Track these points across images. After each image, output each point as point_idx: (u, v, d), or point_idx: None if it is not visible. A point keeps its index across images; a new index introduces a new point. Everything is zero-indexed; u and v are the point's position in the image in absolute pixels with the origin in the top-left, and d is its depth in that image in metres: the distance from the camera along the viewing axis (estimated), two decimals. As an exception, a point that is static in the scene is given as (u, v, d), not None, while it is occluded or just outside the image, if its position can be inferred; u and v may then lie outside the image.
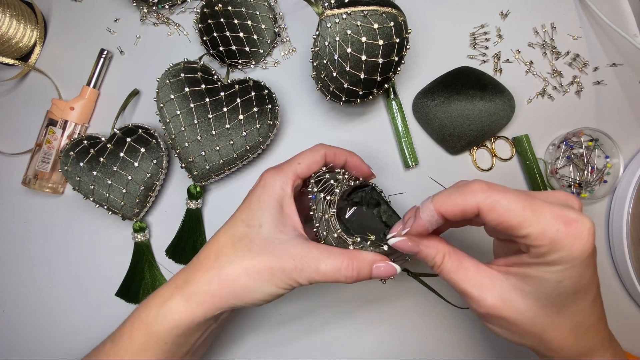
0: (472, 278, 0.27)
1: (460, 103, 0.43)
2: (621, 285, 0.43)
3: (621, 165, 0.43)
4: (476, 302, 0.26)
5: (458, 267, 0.27)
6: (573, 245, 0.23)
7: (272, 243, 0.30)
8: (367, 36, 0.35)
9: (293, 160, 0.33)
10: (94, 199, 0.42)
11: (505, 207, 0.24)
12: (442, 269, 0.28)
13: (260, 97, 0.42)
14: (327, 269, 0.29)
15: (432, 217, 0.26)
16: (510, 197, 0.24)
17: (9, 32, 0.46)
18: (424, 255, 0.29)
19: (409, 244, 0.29)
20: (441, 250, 0.28)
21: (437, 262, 0.28)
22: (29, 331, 0.45)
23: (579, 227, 0.23)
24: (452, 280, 0.28)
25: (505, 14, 0.47)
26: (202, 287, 0.30)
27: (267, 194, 0.32)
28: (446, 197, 0.26)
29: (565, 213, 0.23)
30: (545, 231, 0.23)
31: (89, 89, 0.47)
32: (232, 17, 0.45)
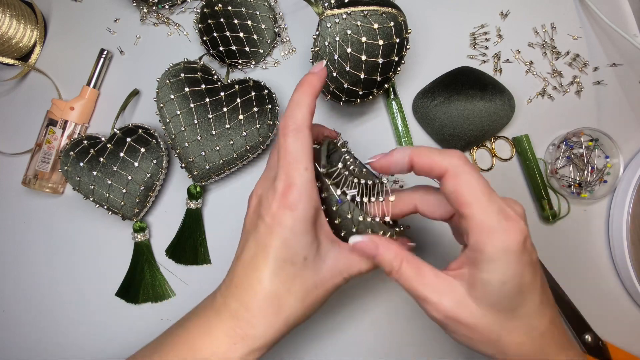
0: (430, 283, 0.27)
1: (460, 103, 0.43)
2: (621, 285, 0.43)
3: (621, 165, 0.43)
4: (434, 307, 0.26)
5: (416, 272, 0.27)
6: (505, 239, 0.24)
7: (321, 270, 0.30)
8: (367, 36, 0.35)
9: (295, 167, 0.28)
10: (94, 199, 0.42)
11: (468, 181, 0.25)
12: (400, 275, 0.28)
13: (260, 97, 0.42)
14: (367, 267, 0.31)
15: (403, 159, 0.28)
16: (477, 177, 0.25)
17: (9, 32, 0.46)
18: (381, 259, 0.28)
19: (369, 244, 0.29)
20: (399, 255, 0.28)
21: (395, 267, 0.28)
22: (29, 331, 0.45)
23: (514, 225, 0.24)
24: (409, 286, 0.27)
25: (505, 14, 0.47)
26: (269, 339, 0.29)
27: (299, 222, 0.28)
28: (425, 150, 0.27)
29: (509, 212, 0.25)
30: (486, 217, 0.24)
31: (89, 89, 0.47)
32: (232, 17, 0.45)
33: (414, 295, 0.27)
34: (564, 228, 0.44)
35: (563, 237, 0.44)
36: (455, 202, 0.25)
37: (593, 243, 0.44)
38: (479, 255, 0.25)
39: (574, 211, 0.44)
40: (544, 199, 0.43)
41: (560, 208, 0.44)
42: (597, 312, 0.42)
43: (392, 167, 0.28)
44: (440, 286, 0.27)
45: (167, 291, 0.44)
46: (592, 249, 0.44)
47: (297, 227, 0.28)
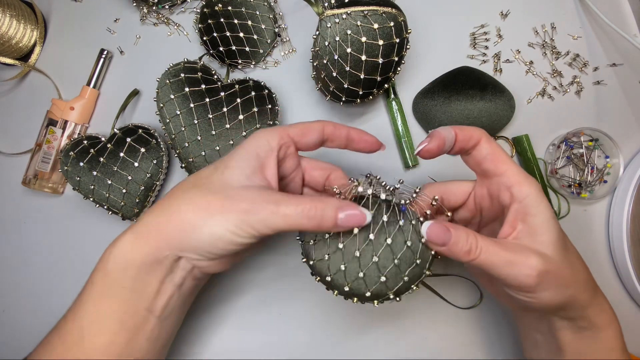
0: (508, 247, 0.27)
1: (460, 103, 0.43)
2: (621, 285, 0.43)
3: (621, 165, 0.43)
4: (525, 265, 0.26)
5: (492, 241, 0.27)
6: (536, 183, 0.29)
7: (231, 185, 0.28)
8: (367, 36, 0.35)
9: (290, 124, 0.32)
10: (94, 199, 0.42)
11: (498, 145, 0.30)
12: (481, 248, 0.26)
13: (260, 97, 0.42)
14: (287, 209, 0.26)
15: (449, 133, 0.29)
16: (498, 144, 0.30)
17: (9, 32, 0.46)
18: (456, 239, 0.26)
19: (441, 227, 0.27)
20: (470, 231, 0.27)
21: (472, 241, 0.26)
22: (29, 331, 0.45)
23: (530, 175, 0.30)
24: (494, 255, 0.26)
25: (505, 14, 0.47)
26: (150, 225, 0.29)
27: (248, 142, 0.30)
28: (459, 126, 0.30)
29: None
30: (518, 171, 0.29)
31: (89, 89, 0.47)
32: (232, 17, 0.45)
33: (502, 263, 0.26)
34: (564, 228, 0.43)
35: (563, 237, 0.44)
36: (492, 160, 0.29)
37: (593, 243, 0.44)
38: (527, 200, 0.28)
39: (574, 211, 0.44)
40: (544, 199, 0.43)
41: (560, 208, 0.44)
42: (597, 312, 0.42)
43: (447, 144, 0.30)
44: (517, 247, 0.27)
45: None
46: (592, 249, 0.44)
47: (243, 146, 0.30)
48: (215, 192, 0.28)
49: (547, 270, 0.26)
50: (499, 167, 0.29)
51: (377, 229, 0.28)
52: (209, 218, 0.27)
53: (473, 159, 0.31)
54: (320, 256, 0.29)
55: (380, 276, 0.28)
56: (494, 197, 0.31)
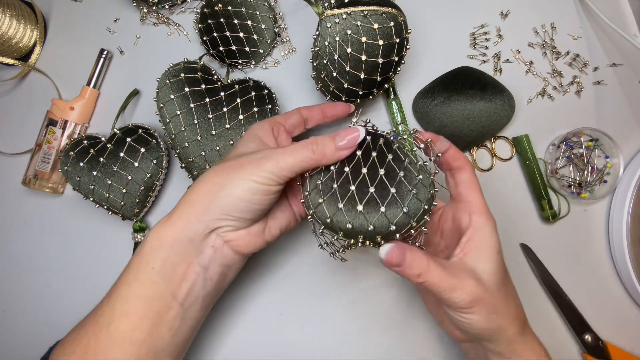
0: (454, 272, 0.29)
1: (460, 103, 0.43)
2: (621, 285, 0.43)
3: (621, 165, 0.43)
4: (463, 291, 0.29)
5: (442, 267, 0.29)
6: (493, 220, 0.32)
7: (244, 151, 0.33)
8: (367, 36, 0.35)
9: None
10: (94, 199, 0.42)
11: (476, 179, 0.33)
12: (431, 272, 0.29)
13: (260, 97, 0.42)
14: (294, 148, 0.31)
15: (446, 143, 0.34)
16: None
17: (9, 32, 0.46)
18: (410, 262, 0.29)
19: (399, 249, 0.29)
20: (424, 256, 0.29)
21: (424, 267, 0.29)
22: (29, 331, 0.45)
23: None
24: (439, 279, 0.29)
25: (505, 14, 0.47)
26: (182, 202, 0.32)
27: (246, 132, 0.36)
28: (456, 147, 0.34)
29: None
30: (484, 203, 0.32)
31: (89, 89, 0.47)
32: (232, 17, 0.45)
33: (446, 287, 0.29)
34: (564, 228, 0.44)
35: (563, 237, 0.44)
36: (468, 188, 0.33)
37: (593, 243, 0.44)
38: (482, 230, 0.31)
39: (574, 211, 0.44)
40: (544, 199, 0.43)
41: (560, 208, 0.44)
42: (597, 312, 0.42)
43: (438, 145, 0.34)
44: (458, 271, 0.29)
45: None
46: (592, 249, 0.44)
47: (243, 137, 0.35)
48: (232, 159, 0.32)
49: (480, 297, 0.29)
50: (470, 195, 0.32)
51: (369, 163, 0.30)
52: (231, 176, 0.31)
53: (454, 179, 0.34)
54: (317, 201, 0.30)
55: (379, 207, 0.29)
56: (456, 219, 0.33)
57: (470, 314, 0.29)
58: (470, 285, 0.29)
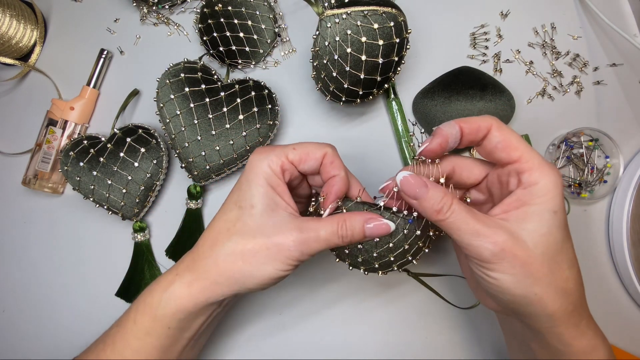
0: (482, 220, 0.26)
1: (460, 103, 0.43)
2: (621, 285, 0.43)
3: (621, 165, 0.43)
4: (489, 240, 0.25)
5: (467, 209, 0.27)
6: (554, 173, 0.27)
7: (266, 224, 0.30)
8: (367, 36, 0.35)
9: (289, 145, 0.32)
10: (94, 199, 0.42)
11: (511, 132, 0.28)
12: (453, 210, 0.26)
13: (260, 97, 0.42)
14: (326, 233, 0.29)
15: (454, 129, 0.28)
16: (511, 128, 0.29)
17: (9, 32, 0.46)
18: (430, 195, 0.27)
19: (419, 180, 0.27)
20: (448, 193, 0.27)
21: (447, 203, 0.26)
22: (29, 331, 0.45)
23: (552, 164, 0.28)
24: (462, 220, 0.26)
25: (505, 14, 0.47)
26: (201, 275, 0.30)
27: (254, 172, 0.31)
28: (465, 118, 0.29)
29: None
30: (534, 156, 0.27)
31: (89, 89, 0.47)
32: (232, 17, 0.45)
33: (468, 231, 0.26)
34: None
35: (563, 237, 0.44)
36: (505, 148, 0.28)
37: (593, 243, 0.44)
38: (533, 188, 0.26)
39: (574, 211, 0.44)
40: (544, 199, 0.43)
41: (560, 208, 0.44)
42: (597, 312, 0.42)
43: (450, 141, 0.29)
44: (492, 223, 0.26)
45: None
46: (592, 249, 0.44)
47: (252, 177, 0.31)
48: (255, 235, 0.30)
49: (513, 253, 0.25)
50: (512, 155, 0.27)
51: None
52: (259, 264, 0.29)
53: (483, 149, 0.29)
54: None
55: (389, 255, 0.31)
56: (503, 183, 0.29)
57: (497, 271, 0.25)
58: (500, 235, 0.25)
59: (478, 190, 0.33)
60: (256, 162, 0.31)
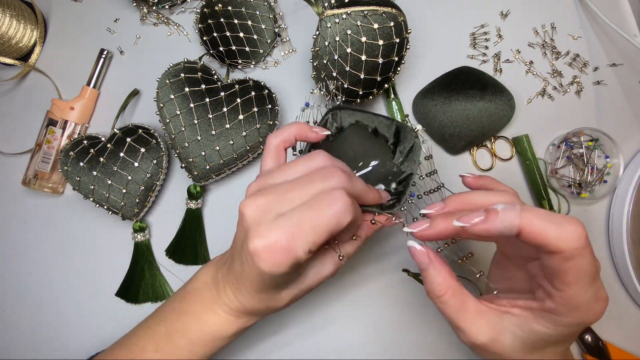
0: (470, 318, 0.27)
1: (460, 103, 0.43)
2: (621, 285, 0.43)
3: (621, 165, 0.43)
4: (468, 338, 0.27)
5: (460, 307, 0.27)
6: (586, 317, 0.25)
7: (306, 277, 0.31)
8: (367, 36, 0.35)
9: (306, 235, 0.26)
10: (94, 199, 0.42)
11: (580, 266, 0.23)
12: (443, 303, 0.28)
13: (260, 97, 0.42)
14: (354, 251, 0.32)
15: (510, 228, 0.23)
16: (591, 262, 0.24)
17: (9, 32, 0.46)
18: (429, 276, 0.28)
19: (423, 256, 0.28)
20: (446, 283, 0.27)
21: (439, 293, 0.27)
22: (29, 331, 0.45)
23: (601, 307, 0.25)
24: (449, 315, 0.28)
25: (505, 14, 0.47)
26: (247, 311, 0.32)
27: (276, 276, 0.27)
28: (539, 218, 0.23)
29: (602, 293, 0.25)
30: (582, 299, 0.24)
31: (89, 89, 0.47)
32: (232, 17, 0.45)
33: (451, 322, 0.28)
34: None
35: (563, 237, 0.44)
36: (556, 277, 0.24)
37: (593, 243, 0.43)
38: (549, 316, 0.25)
39: (574, 211, 0.44)
40: (544, 199, 0.43)
41: (560, 208, 0.44)
42: (597, 312, 0.42)
43: (495, 235, 0.24)
44: (480, 322, 0.27)
45: (167, 291, 0.44)
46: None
47: (277, 277, 0.27)
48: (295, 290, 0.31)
49: (485, 348, 0.27)
50: (557, 284, 0.24)
51: None
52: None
53: (531, 267, 0.27)
54: None
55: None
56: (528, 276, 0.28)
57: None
58: (477, 335, 0.27)
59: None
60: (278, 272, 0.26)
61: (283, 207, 0.26)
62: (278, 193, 0.27)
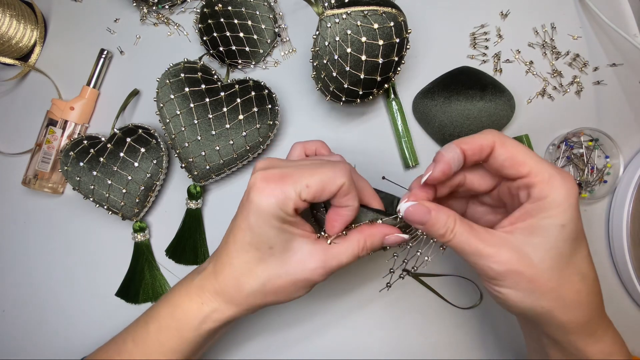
0: (486, 239, 0.27)
1: (460, 103, 0.43)
2: (621, 285, 0.43)
3: (621, 165, 0.43)
4: (494, 260, 0.26)
5: (470, 230, 0.27)
6: (566, 185, 0.26)
7: (289, 261, 0.30)
8: (367, 36, 0.35)
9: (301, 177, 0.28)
10: (94, 199, 0.42)
11: (516, 146, 0.27)
12: (455, 233, 0.27)
13: (260, 97, 0.42)
14: (348, 259, 0.31)
15: (455, 153, 0.28)
16: (519, 143, 0.28)
17: (9, 32, 0.46)
18: (434, 220, 0.27)
19: (421, 208, 0.28)
20: (452, 215, 0.27)
21: (450, 226, 0.27)
22: (29, 331, 0.45)
23: (568, 174, 0.27)
24: (465, 242, 0.27)
25: (505, 14, 0.47)
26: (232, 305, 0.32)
27: (265, 212, 0.28)
28: (465, 138, 0.28)
29: (556, 165, 0.28)
30: (544, 169, 0.26)
31: (89, 89, 0.47)
32: (232, 17, 0.45)
33: (471, 252, 0.27)
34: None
35: (563, 237, 0.44)
36: (512, 166, 0.27)
37: (593, 243, 0.44)
38: (542, 202, 0.26)
39: (574, 211, 0.44)
40: (544, 199, 0.43)
41: (560, 208, 0.44)
42: (597, 312, 0.42)
43: (453, 166, 0.28)
44: (496, 240, 0.27)
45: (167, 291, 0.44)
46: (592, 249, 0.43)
47: (261, 221, 0.29)
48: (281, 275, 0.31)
49: (517, 271, 0.26)
50: (520, 171, 0.27)
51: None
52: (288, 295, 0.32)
53: (490, 166, 0.29)
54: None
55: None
56: (514, 195, 0.29)
57: (503, 287, 0.26)
58: (503, 253, 0.26)
59: (491, 197, 0.33)
60: (266, 204, 0.28)
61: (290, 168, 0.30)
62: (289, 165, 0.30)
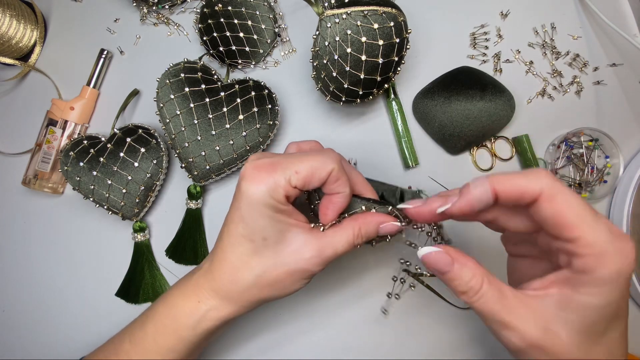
0: (513, 307, 0.23)
1: (460, 103, 0.43)
2: (621, 285, 0.43)
3: (621, 165, 0.43)
4: (518, 335, 0.23)
5: (500, 297, 0.24)
6: (621, 261, 0.22)
7: (284, 251, 0.30)
8: (367, 36, 0.35)
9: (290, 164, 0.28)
10: (94, 199, 0.42)
11: (568, 202, 0.22)
12: (480, 296, 0.24)
13: (260, 97, 0.42)
14: (343, 247, 0.30)
15: (485, 194, 0.24)
16: (576, 196, 0.23)
17: (9, 32, 0.46)
18: (455, 275, 0.24)
19: (443, 258, 0.25)
20: (478, 274, 0.24)
21: (475, 287, 0.24)
22: (29, 331, 0.45)
23: (626, 245, 0.22)
24: (490, 310, 0.24)
25: (505, 14, 0.47)
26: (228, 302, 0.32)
27: (256, 202, 0.28)
28: (506, 177, 0.23)
29: (616, 229, 0.22)
30: (597, 238, 0.22)
31: (89, 89, 0.47)
32: (232, 17, 0.45)
33: (493, 321, 0.24)
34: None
35: (563, 237, 0.44)
36: (557, 226, 0.23)
37: (593, 243, 0.44)
38: (585, 277, 0.22)
39: (574, 211, 0.44)
40: (544, 199, 0.43)
41: (560, 208, 0.44)
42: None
43: (476, 207, 0.24)
44: (524, 311, 0.24)
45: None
46: (592, 249, 0.44)
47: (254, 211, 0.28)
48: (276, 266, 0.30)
49: (541, 347, 0.23)
50: (567, 234, 0.22)
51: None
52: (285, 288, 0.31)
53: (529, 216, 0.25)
54: None
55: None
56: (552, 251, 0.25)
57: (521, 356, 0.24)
58: (528, 329, 0.23)
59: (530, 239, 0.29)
60: (256, 192, 0.28)
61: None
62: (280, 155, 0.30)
